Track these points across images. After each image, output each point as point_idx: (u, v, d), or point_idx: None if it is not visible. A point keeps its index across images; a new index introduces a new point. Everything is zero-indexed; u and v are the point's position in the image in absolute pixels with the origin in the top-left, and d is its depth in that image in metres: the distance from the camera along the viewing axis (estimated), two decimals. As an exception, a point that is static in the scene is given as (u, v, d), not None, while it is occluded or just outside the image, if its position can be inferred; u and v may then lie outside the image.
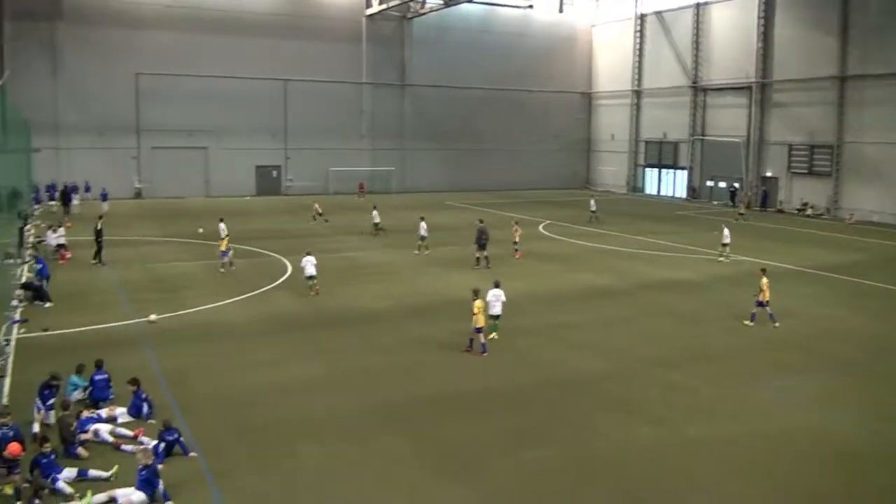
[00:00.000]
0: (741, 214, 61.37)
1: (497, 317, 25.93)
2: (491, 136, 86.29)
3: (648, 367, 23.07)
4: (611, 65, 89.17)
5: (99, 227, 39.20)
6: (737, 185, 73.11)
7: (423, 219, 44.12)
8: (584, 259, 42.12)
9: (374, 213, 51.41)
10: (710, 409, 19.78)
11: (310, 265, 32.64)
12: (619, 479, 15.82)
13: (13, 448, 14.69)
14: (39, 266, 31.32)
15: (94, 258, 38.61)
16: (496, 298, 25.85)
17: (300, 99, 77.17)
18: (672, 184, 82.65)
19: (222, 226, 41.91)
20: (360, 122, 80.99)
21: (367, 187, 79.59)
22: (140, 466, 14.67)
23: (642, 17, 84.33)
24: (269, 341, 25.71)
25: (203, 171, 74.91)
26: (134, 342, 25.29)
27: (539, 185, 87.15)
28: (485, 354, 24.01)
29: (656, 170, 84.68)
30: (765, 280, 28.40)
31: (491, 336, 25.45)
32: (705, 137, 77.63)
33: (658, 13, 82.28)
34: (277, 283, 34.82)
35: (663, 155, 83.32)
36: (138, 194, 71.69)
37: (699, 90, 77.85)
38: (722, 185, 75.91)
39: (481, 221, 41.34)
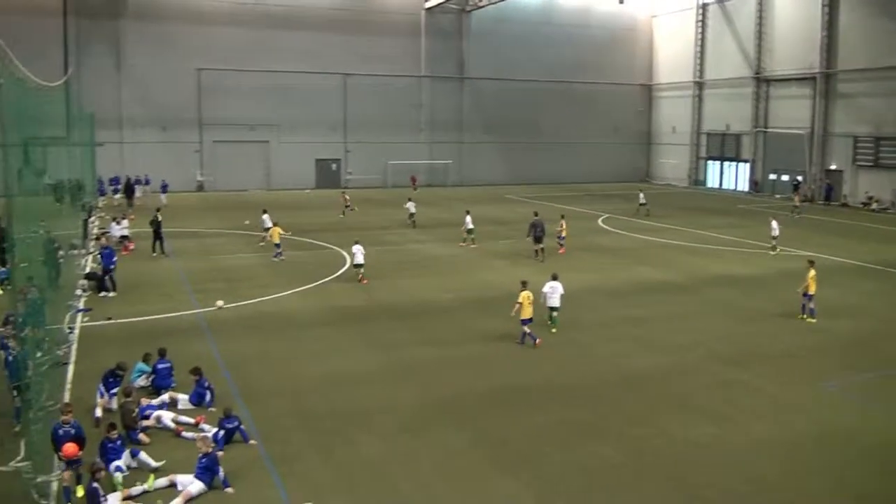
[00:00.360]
0: (795, 208, 59.93)
1: (555, 309, 25.91)
2: (550, 129, 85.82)
3: (710, 364, 22.68)
4: (672, 56, 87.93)
5: (159, 219, 39.77)
6: (800, 178, 71.61)
7: (468, 212, 44.38)
8: (644, 253, 41.66)
9: (410, 204, 51.81)
10: (773, 408, 19.33)
11: (359, 253, 33.68)
12: (678, 477, 15.57)
13: (68, 450, 14.53)
14: (107, 255, 31.56)
15: (154, 250, 39.23)
16: (554, 290, 25.87)
17: (360, 93, 77.55)
18: (734, 177, 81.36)
19: (265, 216, 42.57)
20: (419, 116, 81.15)
21: (426, 181, 79.98)
22: (200, 454, 14.84)
23: (704, 7, 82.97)
24: (328, 332, 25.86)
25: (264, 165, 75.75)
26: (196, 331, 25.64)
27: (598, 179, 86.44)
28: (539, 342, 24.06)
29: (718, 163, 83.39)
30: (812, 272, 27.75)
31: (551, 328, 25.65)
32: (768, 129, 76.24)
33: (720, 2, 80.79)
34: (337, 274, 35.02)
35: (725, 147, 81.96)
36: (200, 187, 72.82)
37: (762, 81, 76.39)
38: (785, 178, 74.48)
39: (536, 214, 41.31)
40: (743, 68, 77.96)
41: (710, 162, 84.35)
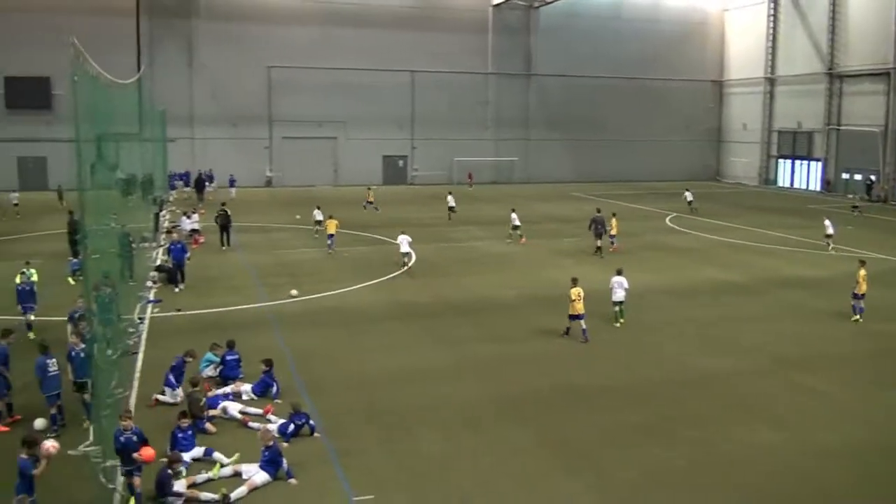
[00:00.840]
0: (855, 207, 58.52)
1: (620, 303, 26.35)
2: (618, 125, 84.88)
3: (777, 368, 22.21)
4: (743, 51, 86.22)
5: (228, 213, 40.48)
6: (873, 177, 69.78)
7: (514, 210, 44.79)
8: (712, 253, 41.06)
9: (450, 197, 52.95)
10: (841, 415, 18.89)
11: (405, 243, 35.89)
12: (743, 483, 15.28)
13: (147, 454, 14.04)
14: (178, 249, 31.62)
15: (222, 243, 40.01)
16: (619, 285, 26.34)
17: (427, 89, 77.77)
18: (806, 176, 79.63)
19: (317, 211, 44.67)
20: (485, 113, 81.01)
21: (492, 178, 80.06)
22: (263, 448, 15.02)
23: (776, 1, 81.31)
24: (393, 327, 26.01)
25: (332, 161, 76.44)
26: (263, 324, 25.99)
27: (667, 177, 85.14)
28: (569, 332, 24.63)
29: (789, 161, 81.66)
30: (862, 272, 27.39)
31: (616, 322, 26.16)
32: (841, 127, 74.44)
33: (793, -4, 79.23)
34: (402, 270, 35.15)
35: (797, 146, 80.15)
36: (269, 183, 73.73)
37: (835, 77, 74.50)
38: (858, 177, 72.61)
39: (598, 211, 41.42)
40: (815, 64, 76.15)
41: (781, 160, 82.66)
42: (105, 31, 63.36)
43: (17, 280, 25.09)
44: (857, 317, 27.36)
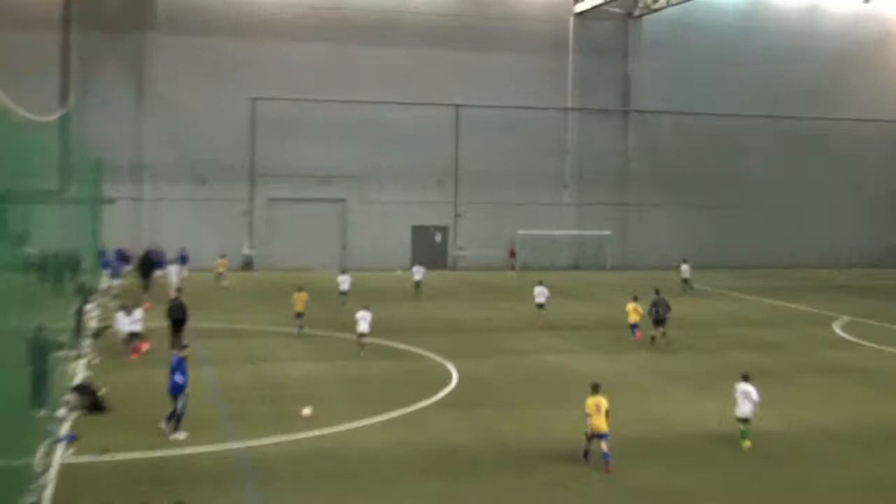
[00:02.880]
0: None
1: (746, 420, 27.93)
2: (757, 185, 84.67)
3: None
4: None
5: (183, 304, 40.59)
6: None
7: (541, 282, 52.38)
8: (899, 376, 40.15)
9: (416, 269, 61.60)
10: None
11: (363, 322, 40.81)
12: None
13: None
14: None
15: (172, 346, 39.74)
16: (745, 396, 27.83)
17: (477, 132, 78.24)
18: None
19: (343, 277, 55.75)
20: (563, 166, 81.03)
21: (575, 260, 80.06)
22: None
23: None
24: (427, 486, 25.18)
25: (339, 233, 76.91)
26: (230, 478, 25.26)
27: (833, 262, 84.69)
28: (609, 468, 25.32)
29: None
30: None
31: (745, 445, 27.80)
32: None
33: None
34: (438, 397, 34.61)
35: None
36: (248, 264, 73.98)
37: None
38: None
39: (658, 293, 45.87)
40: None
41: None
42: (19, 48, 64.54)
43: None
44: None
